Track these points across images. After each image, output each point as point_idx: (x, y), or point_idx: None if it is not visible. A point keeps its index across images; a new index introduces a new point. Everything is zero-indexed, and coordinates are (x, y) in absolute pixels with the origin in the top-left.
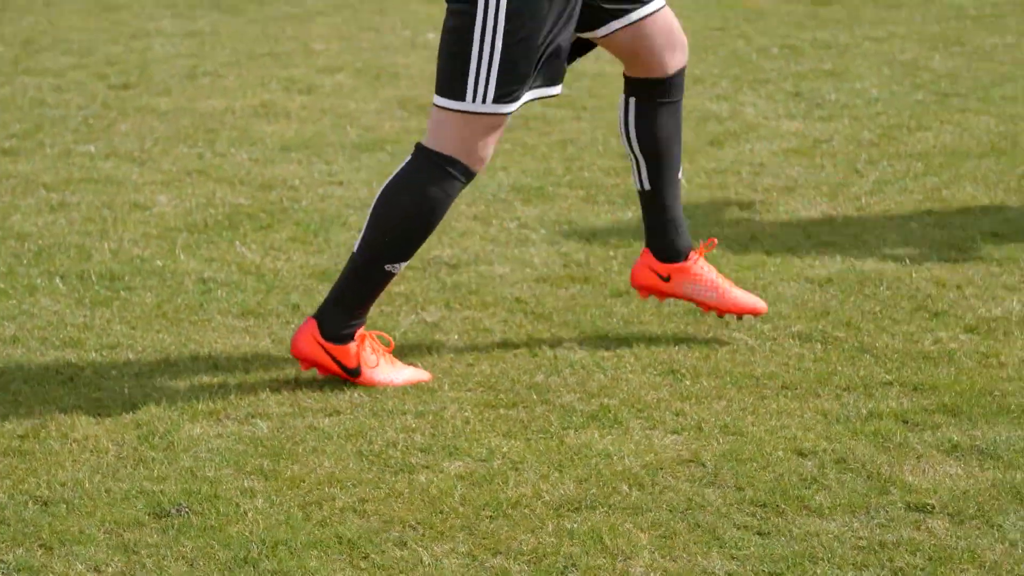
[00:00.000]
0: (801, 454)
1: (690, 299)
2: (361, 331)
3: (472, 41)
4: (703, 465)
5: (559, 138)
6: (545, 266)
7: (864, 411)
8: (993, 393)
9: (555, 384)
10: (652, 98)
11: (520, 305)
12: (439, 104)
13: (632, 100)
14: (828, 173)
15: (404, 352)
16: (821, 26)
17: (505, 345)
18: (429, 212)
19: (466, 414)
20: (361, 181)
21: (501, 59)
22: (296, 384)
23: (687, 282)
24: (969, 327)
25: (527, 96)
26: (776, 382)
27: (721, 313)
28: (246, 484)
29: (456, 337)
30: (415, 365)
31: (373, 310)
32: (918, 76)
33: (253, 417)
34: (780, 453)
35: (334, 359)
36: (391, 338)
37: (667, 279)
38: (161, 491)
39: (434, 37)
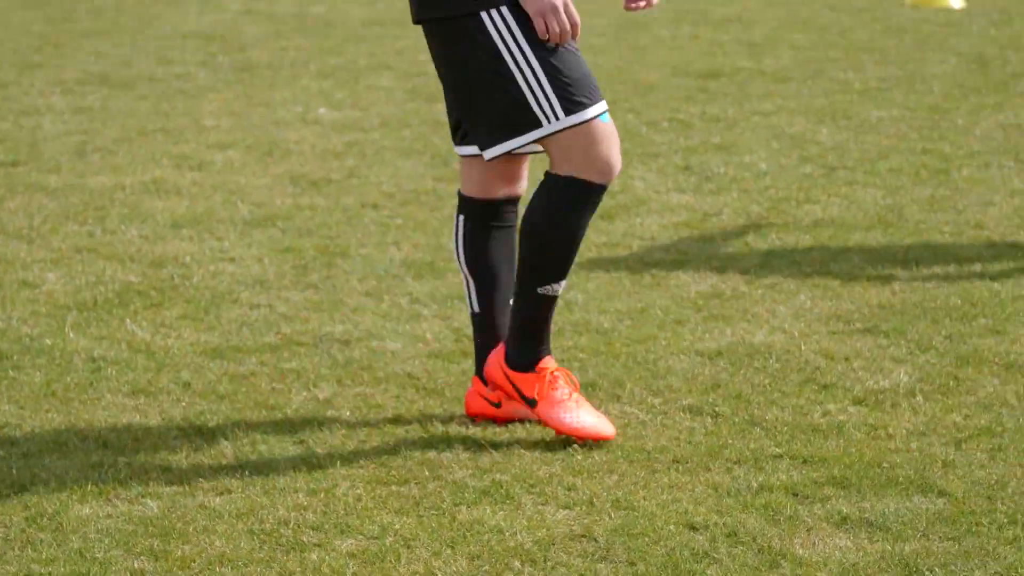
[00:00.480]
0: (693, 528)
1: (524, 418)
2: (550, 364)
3: (510, 69)
4: (595, 540)
5: (450, 213)
6: (437, 341)
7: (755, 484)
8: (882, 465)
9: (447, 460)
10: (482, 220)
11: (412, 381)
12: (501, 151)
13: (462, 218)
14: (718, 246)
15: (296, 428)
16: (710, 100)
17: (397, 421)
18: (572, 228)
19: (358, 491)
20: (252, 257)
21: (544, 69)
22: (186, 463)
23: (517, 406)
24: (857, 399)
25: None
26: (667, 456)
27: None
28: (136, 565)
29: (348, 413)
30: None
31: (264, 386)
32: (806, 149)
33: (143, 497)
34: (672, 527)
35: (514, 386)
36: (575, 380)
37: (498, 405)
38: (50, 573)
39: (325, 112)
